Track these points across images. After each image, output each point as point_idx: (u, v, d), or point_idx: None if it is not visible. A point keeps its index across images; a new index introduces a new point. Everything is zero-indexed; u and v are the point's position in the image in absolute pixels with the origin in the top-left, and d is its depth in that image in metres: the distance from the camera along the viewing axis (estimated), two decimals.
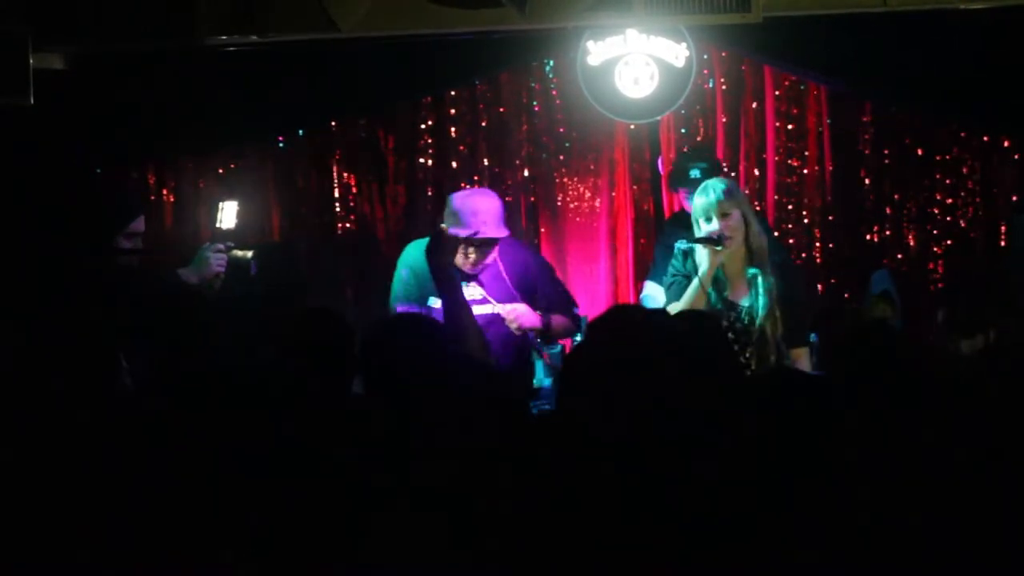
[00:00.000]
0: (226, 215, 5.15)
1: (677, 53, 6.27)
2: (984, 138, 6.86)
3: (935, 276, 6.99)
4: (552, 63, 7.02)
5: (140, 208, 5.09)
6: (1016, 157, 6.85)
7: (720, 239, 4.72)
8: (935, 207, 6.97)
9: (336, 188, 7.21)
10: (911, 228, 7.01)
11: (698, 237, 4.78)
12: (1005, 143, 6.85)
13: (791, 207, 7.06)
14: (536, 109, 7.16)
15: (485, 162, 7.19)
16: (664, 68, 6.26)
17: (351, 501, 2.77)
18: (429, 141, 7.17)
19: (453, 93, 7.09)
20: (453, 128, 7.16)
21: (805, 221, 7.07)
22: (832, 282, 7.09)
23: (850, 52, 6.09)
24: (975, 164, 6.91)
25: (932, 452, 2.76)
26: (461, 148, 7.18)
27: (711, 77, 7.00)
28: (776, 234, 6.58)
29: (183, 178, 7.05)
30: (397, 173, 7.16)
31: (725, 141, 7.01)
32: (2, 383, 3.33)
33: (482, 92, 7.14)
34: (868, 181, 7.01)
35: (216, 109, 6.28)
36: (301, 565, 2.68)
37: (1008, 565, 2.55)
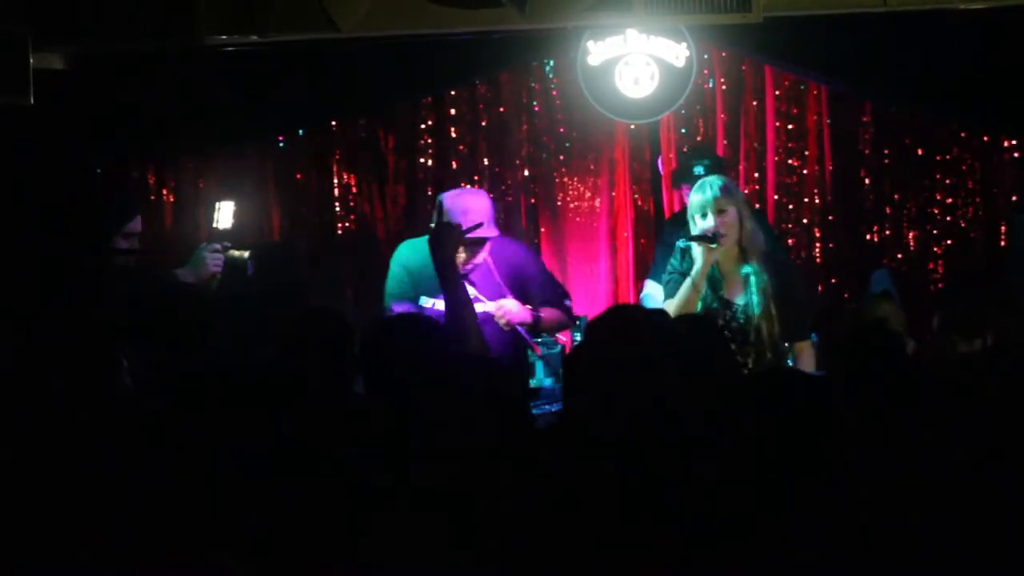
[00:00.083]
0: (223, 215, 5.15)
1: (677, 53, 6.27)
2: (984, 138, 6.86)
3: (935, 276, 6.99)
4: (552, 63, 7.01)
5: (137, 208, 5.09)
6: (1016, 157, 6.85)
7: (715, 236, 4.71)
8: (935, 207, 6.97)
9: (336, 188, 7.21)
10: (911, 228, 7.02)
11: (693, 235, 4.77)
12: (1005, 143, 6.85)
13: (791, 207, 7.06)
14: (536, 109, 7.16)
15: (485, 162, 7.19)
16: (664, 68, 6.26)
17: (351, 501, 2.77)
18: (429, 141, 7.17)
19: (453, 93, 7.09)
20: (453, 128, 7.16)
21: (805, 221, 7.07)
22: (832, 282, 7.09)
23: (850, 52, 6.08)
24: (975, 164, 6.91)
25: (932, 452, 2.76)
26: (461, 148, 7.18)
27: (711, 77, 7.00)
28: (776, 234, 6.57)
29: (183, 178, 7.05)
30: (397, 173, 7.16)
31: (725, 141, 7.01)
32: (2, 383, 3.33)
33: (482, 92, 7.14)
34: (868, 181, 7.02)
35: (216, 109, 6.28)
36: (301, 565, 2.68)
37: (1008, 565, 2.55)
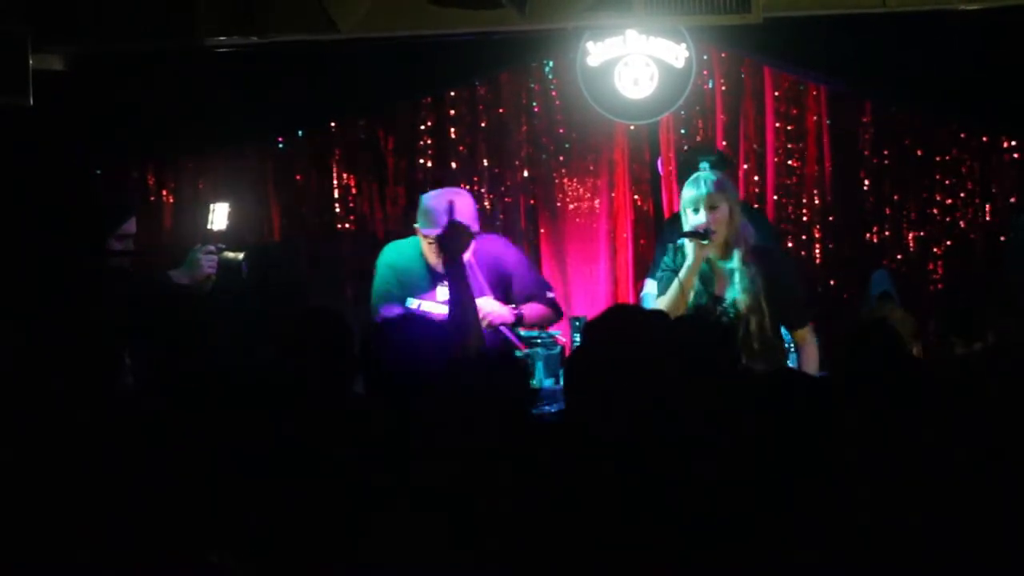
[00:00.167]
0: (217, 216, 5.13)
1: (677, 54, 6.26)
2: (984, 138, 6.86)
3: (935, 276, 6.99)
4: (552, 64, 7.01)
5: (132, 210, 5.09)
6: (1016, 157, 6.85)
7: (706, 233, 4.70)
8: (935, 207, 6.97)
9: (336, 188, 7.21)
10: (911, 228, 7.01)
11: (684, 231, 4.76)
12: (1005, 143, 6.85)
13: (791, 207, 7.06)
14: (536, 110, 7.16)
15: (485, 163, 7.19)
16: (664, 69, 6.26)
17: (351, 501, 2.77)
18: (429, 142, 7.17)
19: (453, 94, 7.08)
20: (453, 129, 7.16)
21: (805, 221, 7.06)
22: (832, 283, 7.09)
23: (850, 52, 6.08)
24: (975, 164, 6.91)
25: (932, 452, 2.76)
26: (461, 149, 7.18)
27: (711, 78, 7.00)
28: (775, 230, 6.57)
29: (183, 178, 7.04)
30: (397, 173, 7.16)
31: (725, 142, 7.00)
32: (2, 383, 3.33)
33: (482, 93, 7.14)
34: (868, 181, 7.01)
35: (216, 109, 6.27)
36: (301, 565, 2.68)
37: (1008, 565, 2.55)
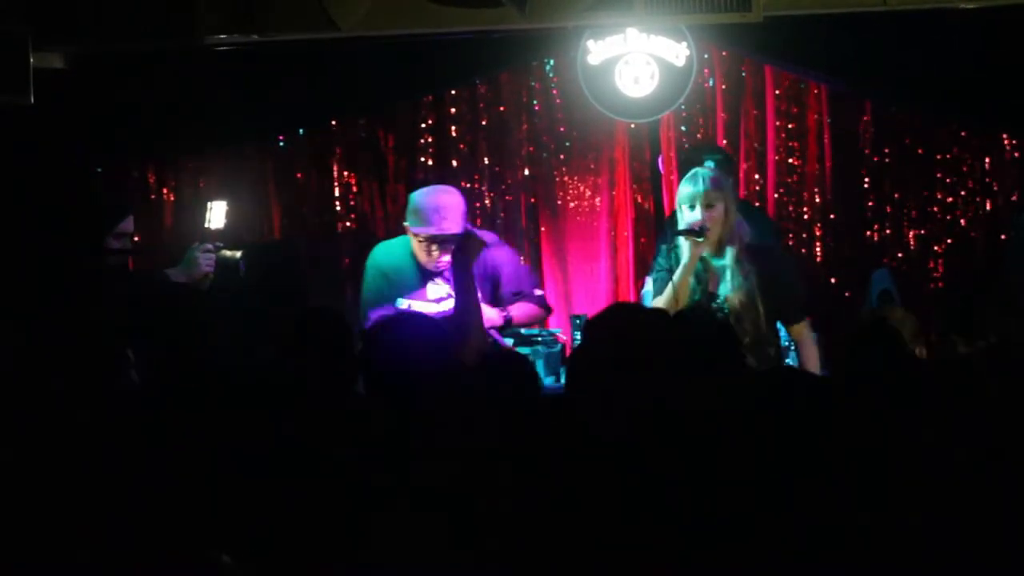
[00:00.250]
0: (214, 215, 5.13)
1: (677, 52, 6.26)
2: (984, 138, 6.86)
3: (935, 275, 6.99)
4: (552, 62, 7.01)
5: (128, 208, 5.09)
6: (1016, 157, 6.85)
7: (701, 230, 4.69)
8: (935, 206, 6.97)
9: (336, 187, 7.21)
10: (911, 227, 7.01)
11: (680, 229, 4.76)
12: (1005, 143, 6.85)
13: (792, 205, 7.06)
14: (536, 108, 7.16)
15: (485, 161, 7.19)
16: (664, 67, 6.26)
17: (351, 501, 2.76)
18: (429, 140, 7.17)
19: (453, 92, 7.08)
20: (453, 127, 7.16)
21: (805, 219, 7.07)
22: (833, 281, 7.09)
23: (850, 52, 6.08)
24: (975, 164, 6.91)
25: (932, 452, 2.76)
26: (461, 147, 7.18)
27: (711, 76, 7.00)
28: (775, 226, 6.57)
29: (183, 178, 7.04)
30: (397, 172, 7.15)
31: (725, 140, 7.00)
32: (3, 382, 3.33)
33: (482, 92, 7.14)
34: (868, 180, 7.01)
35: (216, 109, 6.27)
36: (301, 565, 2.68)
37: (1008, 565, 2.55)
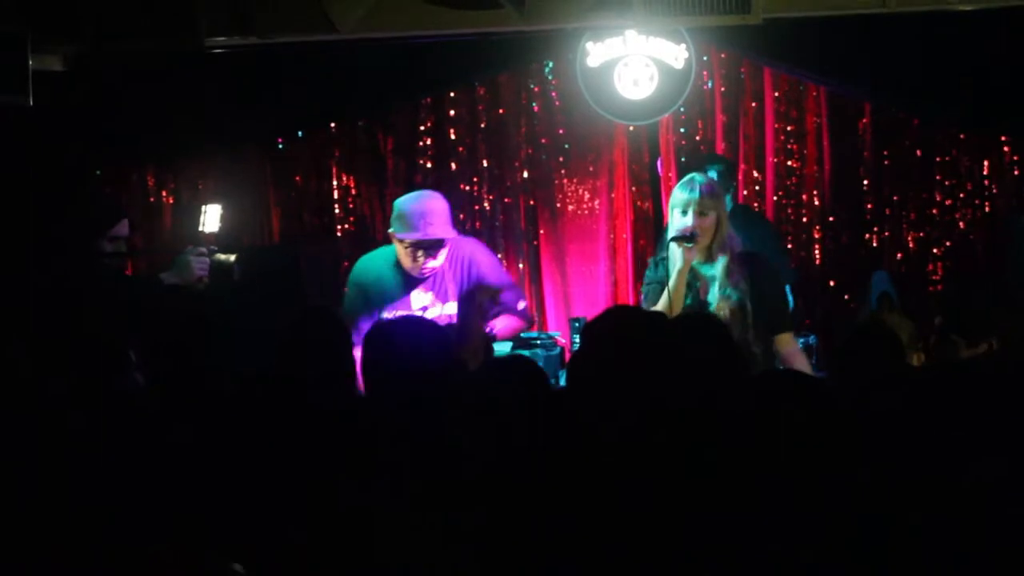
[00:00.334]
0: (209, 218, 5.11)
1: (676, 54, 6.27)
2: (983, 140, 6.86)
3: (935, 277, 7.00)
4: (551, 64, 7.02)
5: (122, 212, 5.09)
6: (1016, 157, 6.85)
7: (692, 236, 4.71)
8: (935, 208, 6.98)
9: (335, 190, 7.21)
10: (911, 229, 7.02)
11: (672, 236, 4.77)
12: (1004, 146, 6.85)
13: (791, 208, 7.07)
14: (535, 110, 7.17)
15: (484, 163, 7.20)
16: (663, 69, 6.26)
17: (351, 501, 2.76)
18: (428, 142, 7.18)
19: (452, 95, 7.09)
20: (452, 129, 7.17)
21: (805, 221, 7.07)
22: (832, 283, 7.10)
23: (849, 54, 6.08)
24: (974, 166, 6.92)
25: (933, 452, 2.76)
26: (460, 149, 7.18)
27: (710, 78, 7.01)
28: (774, 230, 6.58)
29: (183, 178, 7.05)
30: (396, 174, 7.16)
31: (724, 142, 7.01)
32: (3, 383, 3.34)
33: (481, 94, 7.15)
34: (867, 182, 7.02)
35: (216, 110, 6.27)
36: (301, 566, 2.68)
37: (1009, 566, 2.55)
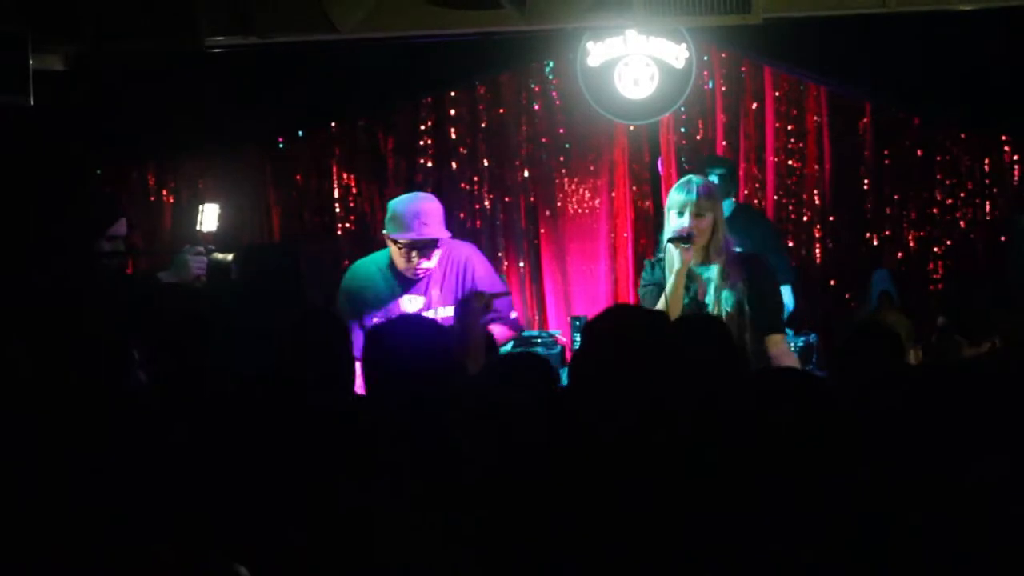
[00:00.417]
0: (206, 217, 5.10)
1: (677, 54, 6.27)
2: (983, 140, 6.86)
3: (935, 276, 7.00)
4: (552, 64, 7.02)
5: (120, 211, 5.09)
6: (1016, 157, 6.85)
7: (688, 237, 4.71)
8: (935, 207, 6.98)
9: (336, 189, 7.22)
10: (911, 228, 7.02)
11: (669, 238, 4.77)
12: (1005, 143, 6.85)
13: (791, 207, 7.07)
14: (536, 110, 7.17)
15: (485, 163, 7.20)
16: (664, 69, 6.26)
17: (351, 502, 2.76)
18: (429, 142, 7.18)
19: (453, 94, 7.10)
20: (453, 129, 7.17)
21: (805, 221, 7.07)
22: (832, 283, 7.10)
23: (850, 54, 6.08)
24: (975, 164, 6.92)
25: (933, 451, 2.76)
26: (461, 149, 7.18)
27: (711, 78, 7.01)
28: (775, 230, 6.58)
29: (183, 178, 7.05)
30: (397, 174, 7.16)
31: (725, 142, 7.01)
32: (5, 383, 3.34)
33: (482, 93, 7.15)
34: (868, 181, 7.02)
35: (216, 110, 6.27)
36: (301, 566, 2.68)
37: (1010, 565, 2.55)
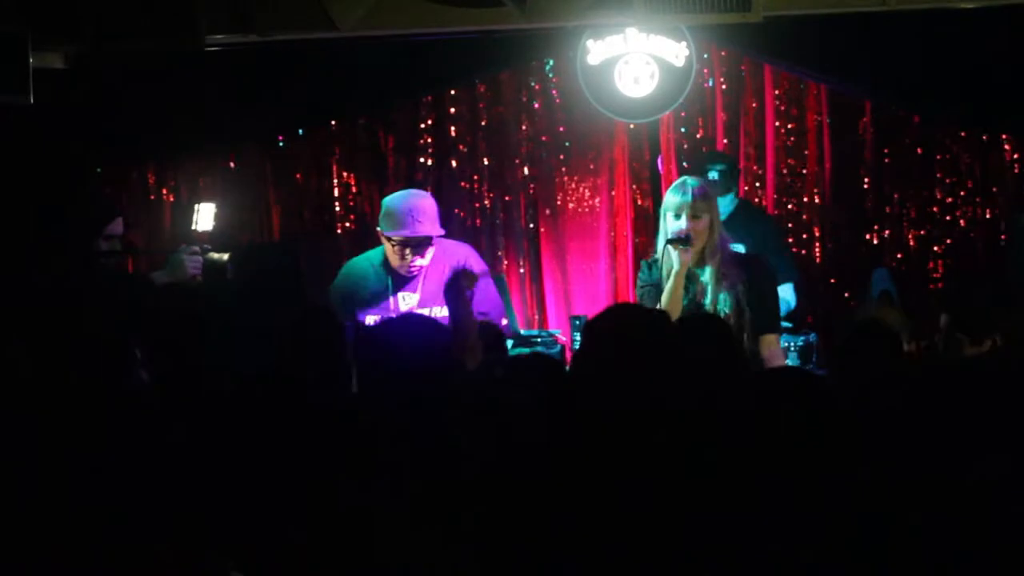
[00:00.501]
0: (202, 217, 5.10)
1: (677, 52, 6.27)
2: (984, 137, 6.86)
3: (935, 276, 6.99)
4: (552, 62, 7.01)
5: (117, 211, 5.09)
6: (1016, 157, 6.85)
7: (687, 238, 4.71)
8: (935, 207, 6.97)
9: (336, 188, 7.21)
10: (911, 227, 7.01)
11: (668, 239, 4.78)
12: (1005, 143, 6.85)
13: (791, 207, 7.06)
14: (536, 108, 7.16)
15: (485, 161, 7.19)
16: (664, 67, 6.26)
17: (351, 501, 2.76)
18: (429, 140, 7.17)
19: (453, 92, 7.09)
20: (453, 127, 7.16)
21: (805, 220, 7.07)
22: (832, 282, 7.09)
23: (850, 52, 6.08)
24: (975, 164, 6.91)
25: (933, 450, 2.76)
26: (461, 147, 7.18)
27: (711, 76, 7.00)
28: (774, 228, 6.57)
29: (183, 178, 7.05)
30: (397, 172, 7.16)
31: (725, 140, 7.01)
32: (5, 384, 3.34)
33: (482, 91, 7.14)
34: (868, 180, 7.02)
35: (216, 109, 6.28)
36: (301, 565, 2.68)
37: (1011, 565, 2.55)
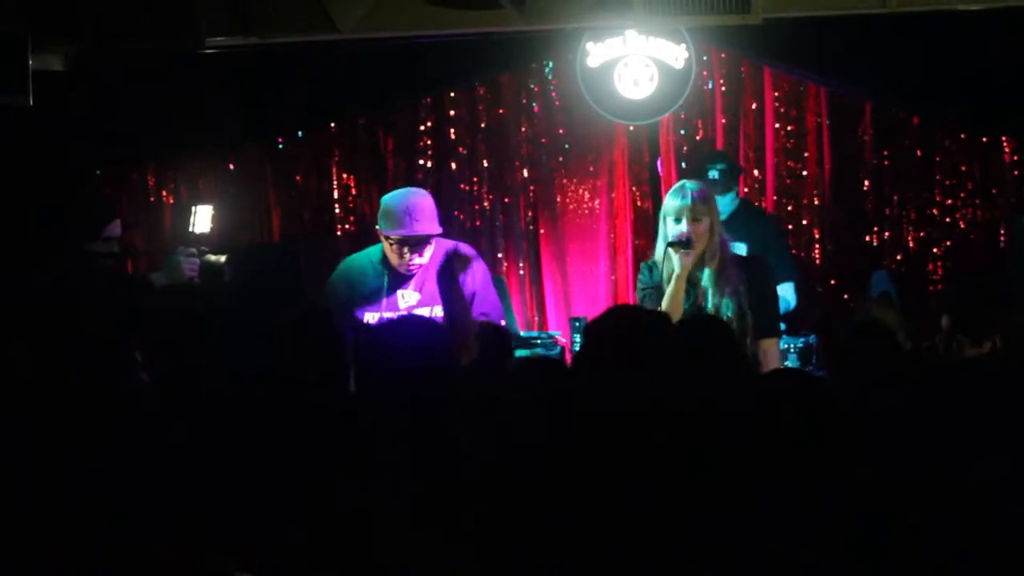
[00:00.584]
0: (199, 219, 5.10)
1: (676, 54, 6.27)
2: (984, 138, 6.86)
3: (935, 277, 6.99)
4: (552, 64, 7.01)
5: (115, 213, 5.09)
6: (1016, 157, 6.85)
7: (688, 241, 4.72)
8: (935, 208, 6.97)
9: (335, 189, 7.21)
10: (911, 229, 7.01)
11: (669, 242, 4.78)
12: (1005, 143, 6.85)
13: (791, 208, 7.06)
14: (535, 110, 7.16)
15: (484, 163, 7.19)
16: (663, 69, 6.27)
17: (351, 501, 2.76)
18: (428, 142, 7.17)
19: (452, 94, 7.09)
20: (452, 129, 7.16)
21: (805, 222, 7.07)
22: (832, 283, 7.09)
23: (849, 54, 6.08)
24: (975, 164, 6.91)
25: (933, 451, 2.76)
26: (460, 149, 7.18)
27: (710, 78, 7.00)
28: (775, 228, 6.57)
29: (183, 179, 7.05)
30: (396, 174, 7.15)
31: (725, 142, 7.01)
32: (6, 384, 3.34)
33: (481, 93, 7.14)
34: (868, 182, 7.01)
35: (216, 110, 6.28)
36: (301, 565, 2.68)
37: (1011, 565, 2.55)
